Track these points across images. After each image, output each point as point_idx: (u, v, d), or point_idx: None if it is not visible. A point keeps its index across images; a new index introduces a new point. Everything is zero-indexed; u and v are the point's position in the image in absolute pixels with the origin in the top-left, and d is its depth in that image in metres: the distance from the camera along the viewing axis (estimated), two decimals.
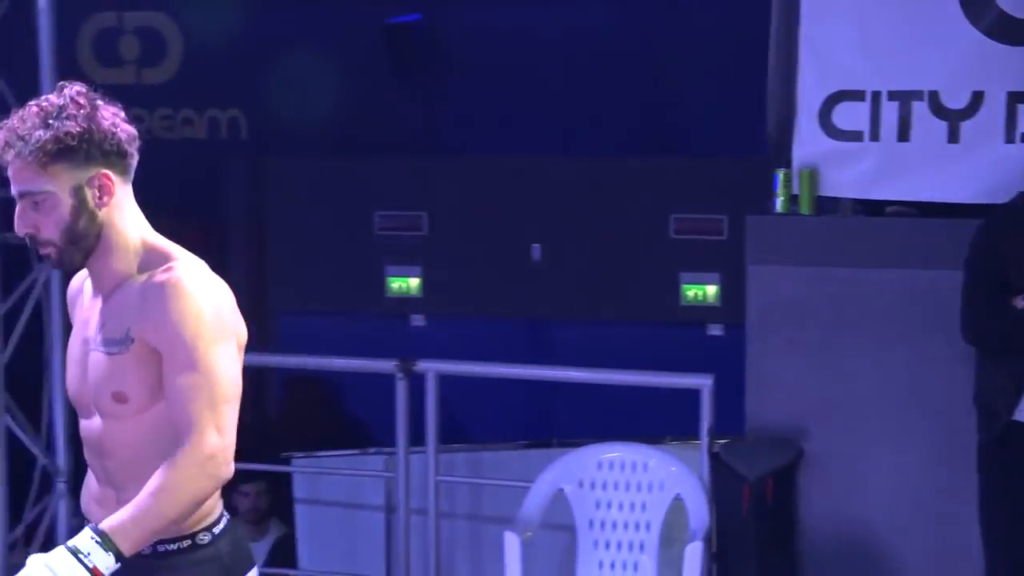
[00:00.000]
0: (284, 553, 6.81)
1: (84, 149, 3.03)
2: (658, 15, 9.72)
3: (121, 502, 3.08)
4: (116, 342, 3.09)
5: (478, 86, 10.18)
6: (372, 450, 6.65)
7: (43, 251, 3.14)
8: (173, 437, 3.04)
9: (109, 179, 3.09)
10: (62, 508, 6.33)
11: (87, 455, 3.26)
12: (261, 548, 6.99)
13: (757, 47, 5.97)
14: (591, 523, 5.63)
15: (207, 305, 3.07)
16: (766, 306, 5.71)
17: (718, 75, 9.35)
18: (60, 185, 3.04)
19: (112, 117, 3.10)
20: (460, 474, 6.26)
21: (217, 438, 3.02)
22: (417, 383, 6.01)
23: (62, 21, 6.32)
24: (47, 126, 3.00)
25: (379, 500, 6.41)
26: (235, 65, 10.70)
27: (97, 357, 3.14)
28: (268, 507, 7.02)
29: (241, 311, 3.19)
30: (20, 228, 3.08)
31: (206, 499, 3.08)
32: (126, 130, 3.13)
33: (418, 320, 10.05)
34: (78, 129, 3.01)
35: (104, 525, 2.95)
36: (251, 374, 10.43)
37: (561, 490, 5.67)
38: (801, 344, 5.68)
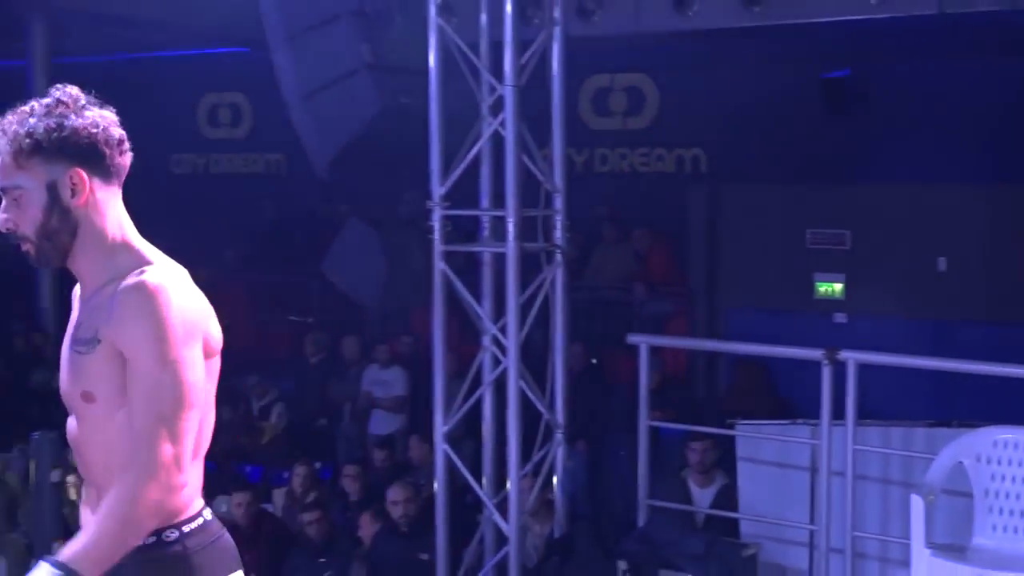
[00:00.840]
0: (727, 498, 6.73)
1: (56, 146, 2.52)
2: None
3: (101, 500, 2.57)
4: (85, 342, 2.56)
5: (894, 126, 9.91)
6: (800, 421, 6.46)
7: (23, 247, 2.61)
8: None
9: (82, 176, 2.55)
10: (559, 453, 6.48)
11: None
12: (708, 492, 6.96)
13: None
14: (986, 492, 5.27)
15: (172, 309, 2.50)
16: None
17: None
18: (35, 181, 2.53)
19: (95, 119, 2.56)
20: (873, 445, 6.00)
21: (170, 447, 2.47)
22: (839, 369, 5.81)
23: (568, 82, 6.46)
24: (25, 124, 2.52)
25: (804, 462, 6.23)
26: (698, 113, 10.81)
27: (70, 357, 2.62)
28: (714, 461, 6.97)
29: (697, 308, 3.00)
30: (2, 224, 2.59)
31: (163, 508, 2.51)
32: (108, 132, 2.58)
33: (840, 317, 9.88)
34: (52, 126, 2.51)
35: (63, 556, 2.44)
36: (704, 357, 10.49)
37: (960, 463, 5.35)
38: None
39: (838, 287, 9.96)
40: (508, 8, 5.91)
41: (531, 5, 6.89)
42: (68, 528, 7.10)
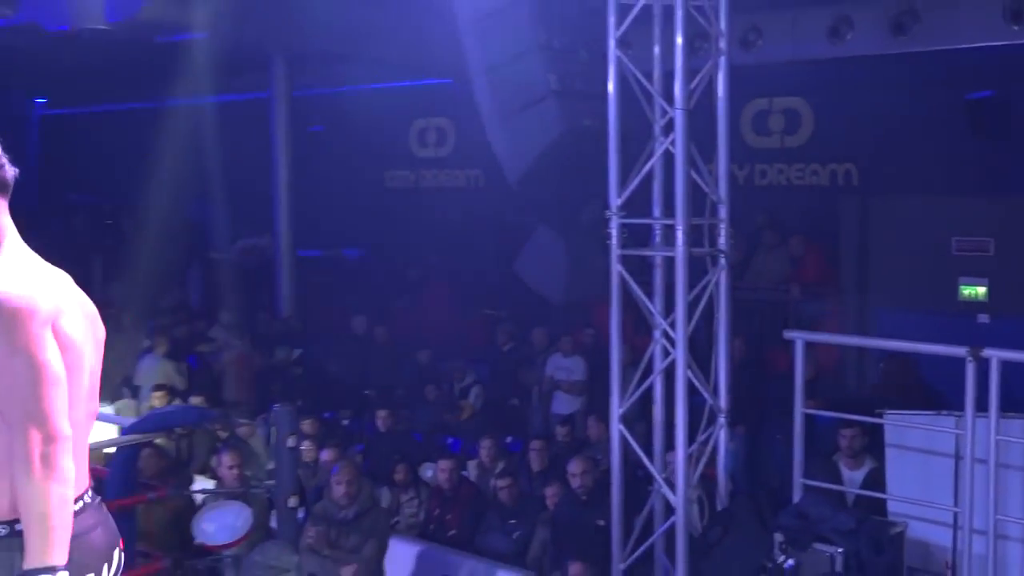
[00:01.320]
0: (875, 480, 6.48)
1: None
2: None
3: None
4: None
5: None
6: (945, 412, 6.16)
7: None
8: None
9: None
10: (722, 435, 6.36)
11: None
12: (858, 474, 6.72)
13: None
14: None
15: (12, 302, 2.37)
16: None
17: None
18: None
19: None
20: (1015, 436, 5.67)
21: (39, 429, 2.38)
22: (982, 365, 5.52)
23: (732, 105, 6.34)
24: None
25: (949, 449, 5.94)
26: (850, 132, 10.54)
27: None
28: (863, 446, 6.72)
29: (848, 308, 2.84)
30: None
31: (67, 480, 2.40)
32: None
33: (983, 318, 9.46)
34: None
35: (27, 565, 2.38)
36: (854, 352, 10.06)
37: None
38: None
39: (981, 290, 9.53)
40: (679, 40, 5.86)
41: (699, 37, 6.79)
42: (302, 486, 7.37)
